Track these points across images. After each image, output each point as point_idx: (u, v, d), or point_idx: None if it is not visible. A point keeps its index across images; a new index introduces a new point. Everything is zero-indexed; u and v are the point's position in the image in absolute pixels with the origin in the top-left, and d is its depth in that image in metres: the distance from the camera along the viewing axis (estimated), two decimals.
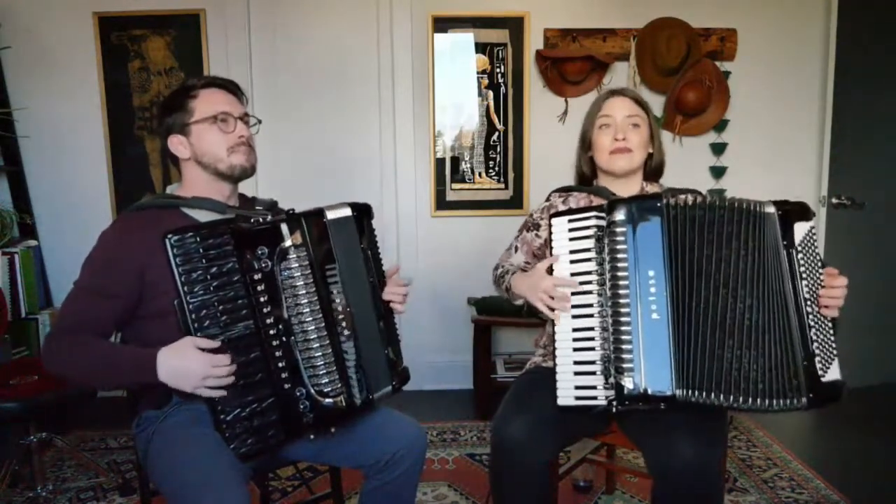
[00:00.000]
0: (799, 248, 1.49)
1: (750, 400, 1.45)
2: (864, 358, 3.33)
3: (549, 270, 1.59)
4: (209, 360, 1.32)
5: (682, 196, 1.52)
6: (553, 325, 1.58)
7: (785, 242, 1.49)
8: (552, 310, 1.56)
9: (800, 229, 1.50)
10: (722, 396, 1.45)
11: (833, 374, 1.49)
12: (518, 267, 1.85)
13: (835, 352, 1.50)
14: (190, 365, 1.31)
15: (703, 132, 3.31)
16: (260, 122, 1.65)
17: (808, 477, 2.46)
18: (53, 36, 3.16)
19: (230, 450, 1.36)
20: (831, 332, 1.51)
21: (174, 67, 3.20)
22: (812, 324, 1.48)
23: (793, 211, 1.51)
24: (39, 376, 2.28)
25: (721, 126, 3.32)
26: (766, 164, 3.36)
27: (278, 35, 3.25)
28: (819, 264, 1.51)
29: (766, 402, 1.45)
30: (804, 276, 1.49)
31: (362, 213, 1.60)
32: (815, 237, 1.51)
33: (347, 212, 1.55)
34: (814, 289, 1.50)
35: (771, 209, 1.50)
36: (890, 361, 3.38)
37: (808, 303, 1.48)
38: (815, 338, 1.48)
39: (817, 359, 1.47)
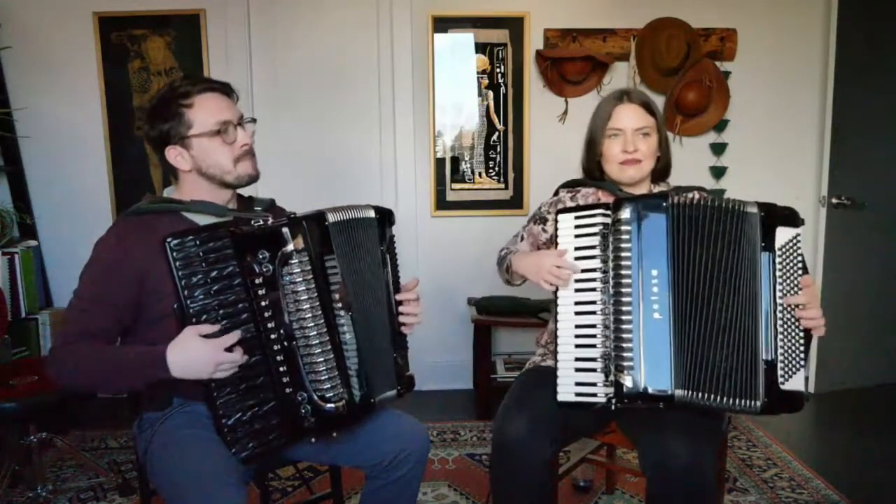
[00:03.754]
0: (779, 253, 1.48)
1: (712, 397, 1.46)
2: (864, 358, 3.33)
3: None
4: (216, 345, 1.31)
5: (686, 195, 1.53)
6: (556, 321, 1.58)
7: (763, 244, 1.48)
8: (555, 287, 1.57)
9: (783, 234, 1.49)
10: (701, 395, 1.46)
11: (795, 383, 1.48)
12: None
13: (802, 362, 1.49)
14: (199, 356, 1.31)
15: (703, 132, 3.31)
16: (254, 120, 1.60)
17: (808, 477, 2.46)
18: (53, 36, 3.16)
19: (232, 454, 1.36)
20: (801, 342, 1.50)
21: (174, 67, 3.20)
22: (781, 330, 1.49)
23: (777, 215, 1.50)
24: (39, 376, 2.28)
25: (721, 126, 3.31)
26: (766, 164, 3.36)
27: (278, 35, 3.24)
28: (798, 272, 1.50)
29: (725, 400, 1.46)
30: (780, 281, 1.48)
31: (384, 217, 1.58)
32: (799, 244, 1.50)
33: (366, 214, 1.54)
34: (789, 294, 1.49)
35: (753, 209, 1.50)
36: (890, 361, 3.38)
37: (781, 307, 1.48)
38: (781, 344, 1.48)
39: (780, 365, 1.47)
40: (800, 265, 1.50)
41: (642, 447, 1.55)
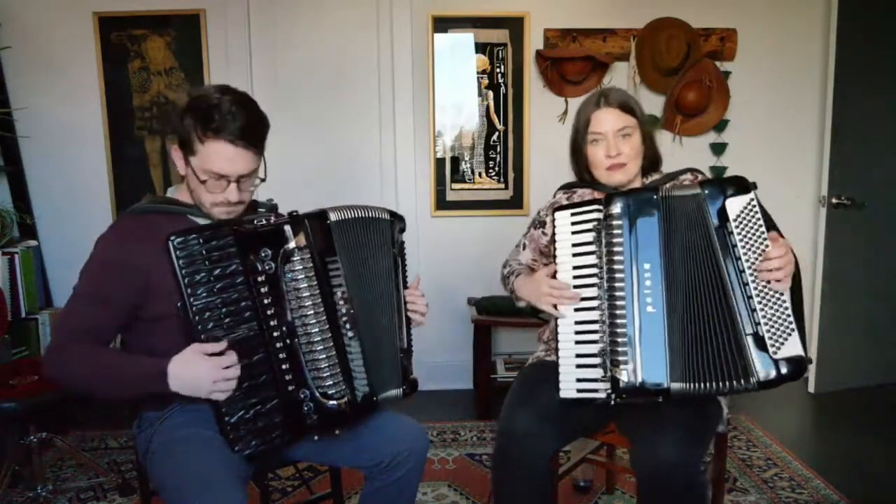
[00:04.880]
0: (735, 223, 1.45)
1: (708, 385, 1.44)
2: (864, 358, 3.33)
3: (553, 275, 1.61)
4: (217, 363, 1.31)
5: (676, 184, 1.53)
6: (556, 318, 1.59)
7: (716, 221, 1.46)
8: (557, 308, 1.59)
9: (735, 204, 1.46)
10: (697, 385, 1.45)
11: (791, 349, 1.41)
12: (525, 266, 1.87)
13: (791, 325, 1.43)
14: (200, 374, 1.31)
15: (703, 132, 3.32)
16: (263, 180, 1.54)
17: (808, 477, 2.46)
18: (53, 36, 3.16)
19: (234, 451, 1.36)
20: (785, 304, 1.44)
21: (174, 67, 3.20)
22: (758, 299, 1.44)
23: (721, 187, 1.48)
24: (39, 376, 2.28)
25: (721, 126, 3.32)
26: (766, 164, 3.36)
27: (278, 35, 3.24)
28: (762, 236, 1.45)
29: (720, 385, 1.44)
30: (744, 250, 1.44)
31: (395, 220, 1.59)
32: (755, 209, 1.46)
33: (366, 214, 1.54)
34: (756, 262, 1.45)
35: (695, 190, 1.49)
36: (890, 361, 3.38)
37: (752, 278, 1.44)
38: (763, 313, 1.43)
39: (767, 335, 1.43)
40: (761, 229, 1.45)
41: (633, 447, 1.55)
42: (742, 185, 1.48)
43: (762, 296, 1.44)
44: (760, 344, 1.43)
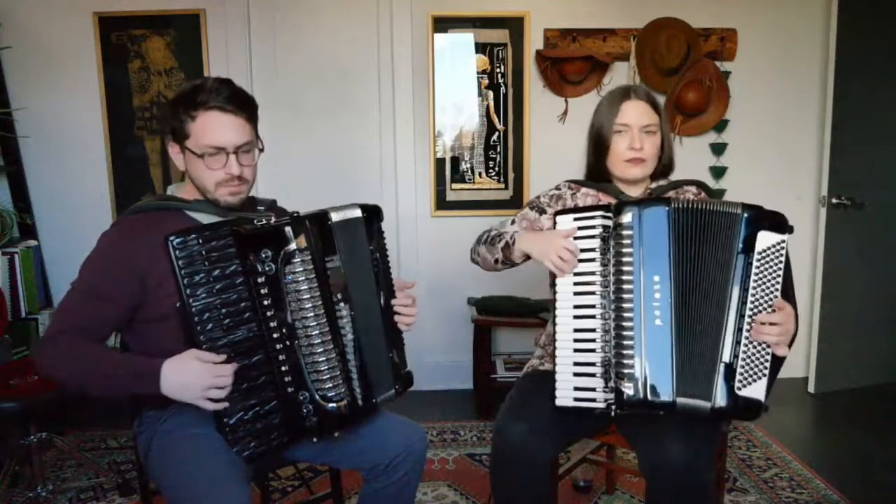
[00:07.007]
0: (758, 257, 1.45)
1: (678, 398, 1.45)
2: (865, 358, 3.33)
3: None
4: (211, 370, 1.30)
5: (685, 197, 1.52)
6: (555, 324, 1.58)
7: (741, 247, 1.46)
8: (560, 270, 1.56)
9: (766, 238, 1.46)
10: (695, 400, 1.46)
11: (754, 391, 1.45)
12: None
13: (765, 371, 1.45)
14: (192, 377, 1.30)
15: (703, 132, 3.31)
16: (262, 149, 1.54)
17: (808, 477, 2.46)
18: (53, 36, 3.16)
19: (233, 453, 1.35)
20: (767, 352, 1.46)
21: (174, 67, 3.20)
22: (746, 335, 1.45)
23: (761, 218, 1.47)
24: (39, 376, 2.28)
25: (721, 126, 3.32)
26: (766, 164, 3.36)
27: (278, 35, 3.24)
28: (776, 282, 1.45)
29: (683, 400, 1.45)
30: (755, 286, 1.45)
31: (372, 214, 1.57)
32: (782, 251, 1.46)
33: (355, 213, 1.53)
34: (761, 303, 1.46)
35: (735, 210, 1.47)
36: (890, 361, 3.38)
37: (752, 313, 1.45)
38: (744, 349, 1.45)
39: (739, 370, 1.45)
40: (780, 272, 1.46)
41: (640, 449, 1.55)
42: (780, 224, 1.47)
43: (750, 336, 1.45)
44: (729, 375, 1.45)
